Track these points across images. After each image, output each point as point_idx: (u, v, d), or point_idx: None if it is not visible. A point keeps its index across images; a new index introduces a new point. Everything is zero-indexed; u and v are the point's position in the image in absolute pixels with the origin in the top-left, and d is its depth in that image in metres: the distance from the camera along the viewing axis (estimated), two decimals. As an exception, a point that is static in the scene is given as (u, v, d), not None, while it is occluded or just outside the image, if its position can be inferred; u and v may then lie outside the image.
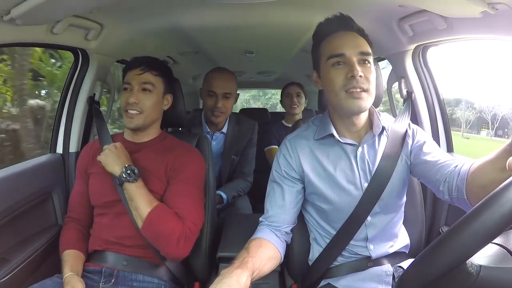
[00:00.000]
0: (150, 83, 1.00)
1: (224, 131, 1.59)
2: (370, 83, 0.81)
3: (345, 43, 0.81)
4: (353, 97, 0.79)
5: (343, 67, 0.80)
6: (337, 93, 0.81)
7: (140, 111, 0.99)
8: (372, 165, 0.87)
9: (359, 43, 0.82)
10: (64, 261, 0.94)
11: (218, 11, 1.20)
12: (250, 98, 11.15)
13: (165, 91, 1.05)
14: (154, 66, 1.02)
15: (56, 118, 1.32)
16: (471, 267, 0.40)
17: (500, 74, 7.52)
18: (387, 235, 0.90)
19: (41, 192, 1.16)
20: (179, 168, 0.99)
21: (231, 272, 0.70)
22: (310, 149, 0.90)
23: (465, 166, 0.74)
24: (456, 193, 0.74)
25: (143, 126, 1.02)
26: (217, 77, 1.49)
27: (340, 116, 0.88)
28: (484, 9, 0.80)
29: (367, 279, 0.86)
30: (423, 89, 1.28)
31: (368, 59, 0.82)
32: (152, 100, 1.00)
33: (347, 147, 0.88)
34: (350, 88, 0.79)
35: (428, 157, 0.84)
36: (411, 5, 1.00)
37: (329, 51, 0.83)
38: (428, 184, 0.85)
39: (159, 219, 0.90)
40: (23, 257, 0.99)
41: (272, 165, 0.95)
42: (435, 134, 1.28)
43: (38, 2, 0.78)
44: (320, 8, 1.17)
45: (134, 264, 0.94)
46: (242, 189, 1.60)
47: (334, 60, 0.81)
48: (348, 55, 0.80)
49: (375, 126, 0.88)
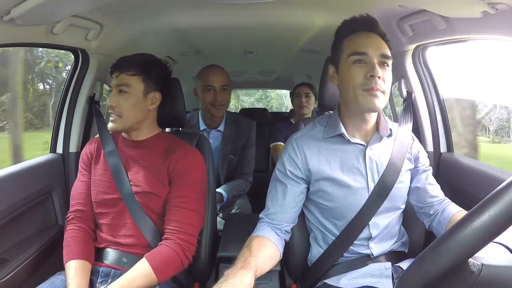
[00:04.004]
0: (125, 84, 0.97)
1: (221, 129, 1.60)
2: (388, 86, 0.83)
3: (368, 43, 0.82)
4: (370, 95, 0.81)
5: (364, 66, 0.81)
6: (355, 90, 0.82)
7: (119, 115, 0.97)
8: (380, 166, 0.88)
9: (382, 45, 0.83)
10: (69, 277, 0.88)
11: (218, 11, 1.20)
12: (255, 101, 12.90)
13: (148, 89, 1.00)
14: (128, 66, 0.98)
15: (56, 118, 1.32)
16: (473, 266, 0.40)
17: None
18: (388, 234, 0.91)
19: (41, 192, 1.16)
20: (181, 171, 0.99)
21: (235, 273, 0.70)
22: (317, 148, 0.90)
23: (451, 207, 0.88)
24: (436, 225, 0.89)
25: (124, 129, 1.00)
26: (213, 71, 1.52)
27: (352, 114, 0.89)
28: (484, 9, 0.80)
29: (367, 275, 0.87)
30: (423, 89, 1.28)
31: (388, 63, 0.83)
32: (128, 102, 0.97)
33: (356, 147, 0.89)
34: (369, 87, 0.80)
35: (427, 185, 0.93)
36: (411, 5, 1.00)
37: (352, 48, 0.83)
38: (415, 206, 0.96)
39: (162, 267, 0.90)
40: (23, 257, 0.99)
41: (277, 163, 0.95)
42: (435, 134, 1.28)
43: (38, 2, 0.78)
44: (320, 8, 1.18)
45: (134, 262, 0.93)
46: (242, 189, 1.60)
47: (355, 58, 0.82)
48: (370, 55, 0.81)
49: (382, 127, 0.89)
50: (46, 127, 3.83)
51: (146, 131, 1.05)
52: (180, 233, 0.94)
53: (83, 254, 0.93)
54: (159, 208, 0.99)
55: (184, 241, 0.94)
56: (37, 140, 4.85)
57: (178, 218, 0.95)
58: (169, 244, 0.92)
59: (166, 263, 0.90)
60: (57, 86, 7.17)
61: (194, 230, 0.98)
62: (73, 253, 0.93)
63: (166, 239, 0.94)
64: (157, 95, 1.02)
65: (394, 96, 1.45)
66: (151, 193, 0.97)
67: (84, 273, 0.91)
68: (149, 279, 0.87)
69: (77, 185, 1.04)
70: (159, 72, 1.02)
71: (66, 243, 0.96)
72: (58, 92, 5.97)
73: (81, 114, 1.31)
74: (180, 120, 1.17)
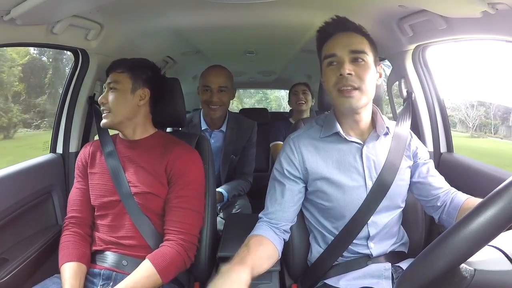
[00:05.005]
0: (114, 81, 1.01)
1: (223, 129, 1.60)
2: (363, 81, 0.82)
3: (337, 44, 0.84)
4: (343, 96, 0.82)
5: (336, 67, 0.83)
6: (331, 91, 0.85)
7: (109, 110, 1.00)
8: (378, 164, 0.88)
9: (352, 41, 0.84)
10: (64, 279, 0.89)
11: (218, 11, 1.20)
12: (255, 102, 13.37)
13: (136, 86, 1.02)
14: (118, 64, 1.03)
15: (56, 118, 1.32)
16: (465, 271, 0.40)
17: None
18: (388, 233, 0.91)
19: (41, 192, 1.16)
20: (179, 172, 0.99)
21: (231, 268, 0.70)
22: (314, 147, 0.90)
23: (459, 195, 0.86)
24: (446, 216, 0.86)
25: (114, 125, 1.02)
26: (211, 72, 1.53)
27: (342, 114, 0.89)
28: (484, 9, 0.80)
29: (367, 276, 0.86)
30: (423, 89, 1.28)
31: (361, 57, 0.82)
32: (117, 98, 1.00)
33: (352, 146, 0.89)
34: (341, 86, 0.81)
35: (429, 178, 0.91)
36: (411, 5, 1.00)
37: (324, 53, 0.86)
38: (421, 201, 0.94)
39: (166, 268, 0.90)
40: (23, 257, 0.99)
41: (275, 162, 0.95)
42: (435, 134, 1.28)
43: (38, 2, 0.78)
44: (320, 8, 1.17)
45: (134, 264, 0.93)
46: (242, 189, 1.60)
47: (328, 61, 0.85)
48: (339, 54, 0.82)
49: (379, 126, 0.89)
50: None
51: (140, 130, 1.05)
52: (182, 234, 0.94)
53: (77, 256, 0.94)
54: (158, 208, 0.99)
55: (186, 241, 0.94)
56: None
57: (179, 218, 0.95)
58: (171, 245, 0.92)
59: (170, 264, 0.90)
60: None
61: (195, 230, 0.98)
62: (68, 256, 0.94)
63: (168, 240, 0.94)
64: (146, 91, 1.04)
65: (394, 96, 1.45)
66: (150, 193, 0.97)
67: (79, 275, 0.91)
68: (153, 280, 0.88)
69: (73, 192, 1.05)
70: (147, 71, 1.05)
71: (61, 248, 0.97)
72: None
73: (81, 114, 1.31)
74: (179, 120, 1.17)
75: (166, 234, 0.95)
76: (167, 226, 0.96)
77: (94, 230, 1.02)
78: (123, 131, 1.05)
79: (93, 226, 1.03)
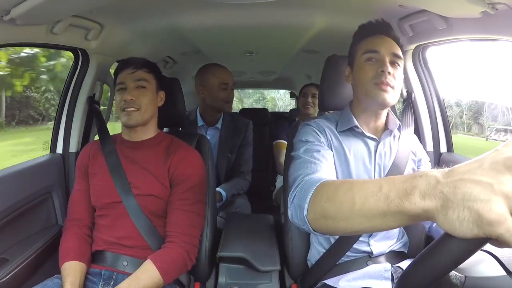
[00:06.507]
0: (144, 79, 1.01)
1: (218, 126, 1.62)
2: (398, 83, 0.86)
3: (381, 43, 0.87)
4: (381, 89, 0.84)
5: (376, 63, 0.85)
6: (367, 84, 0.85)
7: (137, 108, 0.99)
8: (387, 161, 0.90)
9: (393, 46, 0.88)
10: (64, 276, 0.90)
11: (218, 11, 1.20)
12: (253, 102, 13.61)
13: (158, 87, 1.06)
14: (144, 64, 1.04)
15: (56, 118, 1.32)
16: (455, 279, 0.39)
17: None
18: (388, 233, 0.91)
19: (41, 192, 1.15)
20: (182, 175, 0.99)
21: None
22: (335, 135, 0.91)
23: None
24: (436, 226, 0.88)
25: (142, 122, 1.02)
26: (226, 70, 1.59)
27: (364, 110, 0.90)
28: (484, 9, 0.80)
29: (367, 276, 0.87)
30: (423, 89, 1.28)
31: (398, 62, 0.86)
32: (147, 96, 1.01)
33: (368, 141, 0.91)
34: (379, 81, 0.83)
35: None
36: (411, 5, 1.00)
37: (365, 48, 0.88)
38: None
39: (168, 270, 0.91)
40: (23, 257, 0.99)
41: (295, 146, 0.86)
42: (435, 134, 1.28)
43: (38, 2, 0.78)
44: (320, 8, 1.17)
45: (134, 265, 0.93)
46: (241, 188, 1.60)
47: (368, 55, 0.87)
48: (382, 53, 0.85)
49: (391, 123, 0.92)
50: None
51: (151, 130, 1.06)
52: (184, 236, 0.94)
53: (78, 256, 0.94)
54: (159, 210, 0.99)
55: (188, 243, 0.94)
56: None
57: (181, 220, 0.96)
58: (173, 246, 0.93)
59: (172, 265, 0.91)
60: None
61: (197, 232, 0.98)
62: (68, 255, 0.94)
63: (170, 241, 0.94)
64: (162, 94, 1.08)
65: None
66: (151, 195, 0.97)
67: (79, 273, 0.92)
68: (155, 281, 0.88)
69: (74, 194, 1.06)
70: (160, 74, 1.09)
71: (62, 248, 0.97)
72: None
73: (81, 114, 1.31)
74: (180, 119, 1.17)
75: (168, 235, 0.95)
76: (169, 228, 0.96)
77: (95, 230, 1.02)
78: (136, 131, 1.04)
79: (93, 226, 1.03)
